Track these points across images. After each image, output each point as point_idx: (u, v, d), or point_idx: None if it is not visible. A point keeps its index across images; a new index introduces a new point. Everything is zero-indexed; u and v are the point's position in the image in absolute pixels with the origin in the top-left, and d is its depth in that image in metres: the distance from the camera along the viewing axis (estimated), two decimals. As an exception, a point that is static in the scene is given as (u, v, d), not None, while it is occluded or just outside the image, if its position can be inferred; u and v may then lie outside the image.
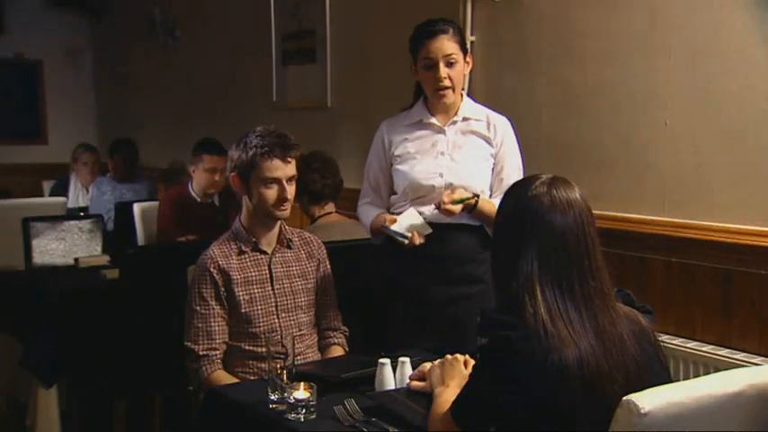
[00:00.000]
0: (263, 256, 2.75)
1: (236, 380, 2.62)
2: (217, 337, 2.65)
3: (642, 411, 1.58)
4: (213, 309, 2.66)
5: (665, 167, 2.98)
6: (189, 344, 2.66)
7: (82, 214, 4.82)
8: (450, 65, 2.85)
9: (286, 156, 2.66)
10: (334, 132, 4.65)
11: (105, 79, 7.64)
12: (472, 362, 2.02)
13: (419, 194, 2.92)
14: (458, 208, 2.75)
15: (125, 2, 7.19)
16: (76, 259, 4.16)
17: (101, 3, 7.44)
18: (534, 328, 1.69)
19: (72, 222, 4.38)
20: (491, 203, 2.81)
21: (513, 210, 1.84)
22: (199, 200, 4.48)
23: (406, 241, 2.80)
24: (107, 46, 7.57)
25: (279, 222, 2.78)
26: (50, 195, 6.02)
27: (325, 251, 2.90)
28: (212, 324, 2.65)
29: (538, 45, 3.45)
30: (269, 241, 2.77)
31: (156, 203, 4.73)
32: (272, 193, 2.66)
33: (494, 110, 3.02)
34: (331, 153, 3.82)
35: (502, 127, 2.94)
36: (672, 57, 2.93)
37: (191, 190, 4.52)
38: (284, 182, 2.67)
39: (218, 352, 2.65)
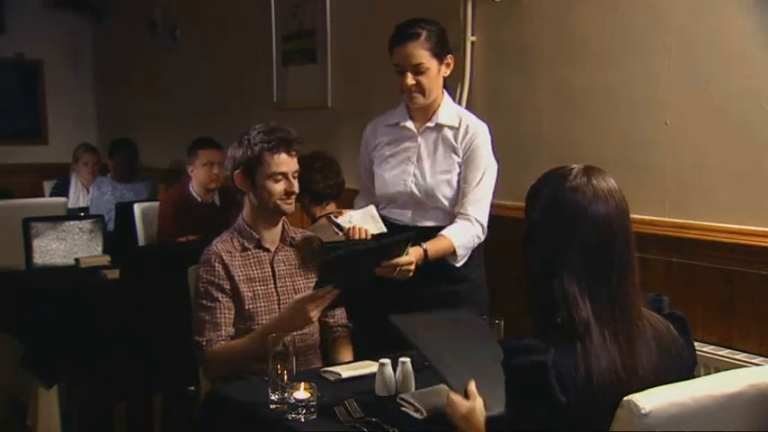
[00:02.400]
0: (265, 253, 2.75)
1: (234, 343, 2.61)
2: (222, 328, 2.64)
3: (643, 412, 1.58)
4: (219, 301, 2.65)
5: (665, 167, 2.98)
6: (197, 337, 2.65)
7: (82, 214, 4.83)
8: (419, 72, 2.86)
9: (291, 150, 2.70)
10: (334, 132, 4.65)
11: (105, 79, 7.64)
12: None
13: (389, 199, 2.98)
14: (407, 261, 2.69)
15: (125, 2, 7.19)
16: (77, 259, 4.16)
17: (101, 3, 7.43)
18: (573, 339, 1.64)
19: (72, 223, 4.39)
20: (439, 244, 2.82)
21: (551, 205, 1.73)
22: (199, 199, 4.49)
23: (341, 233, 2.85)
24: (107, 46, 7.57)
25: (282, 220, 2.79)
26: (51, 196, 6.03)
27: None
28: (218, 316, 2.64)
29: (538, 45, 3.44)
30: (272, 239, 2.77)
31: (156, 204, 4.73)
32: (279, 187, 2.68)
33: (476, 115, 3.05)
34: (331, 153, 3.83)
35: (471, 136, 2.92)
36: (672, 57, 2.93)
37: (191, 190, 4.53)
38: (290, 175, 2.70)
39: (222, 340, 2.64)
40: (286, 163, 2.69)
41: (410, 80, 2.86)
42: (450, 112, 2.97)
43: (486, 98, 3.73)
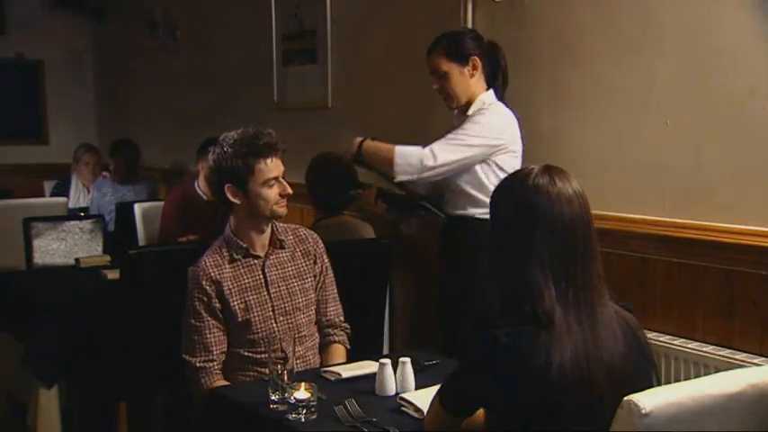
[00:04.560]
0: (256, 260, 2.72)
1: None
2: (214, 348, 2.63)
3: (643, 412, 1.59)
4: (207, 321, 2.64)
5: (665, 167, 2.98)
6: (186, 356, 2.65)
7: (83, 215, 4.83)
8: (441, 78, 3.13)
9: (277, 153, 2.67)
10: (334, 133, 4.65)
11: (106, 79, 7.64)
12: None
13: None
14: None
15: (126, 2, 7.19)
16: (77, 259, 4.16)
17: (101, 3, 7.44)
18: (538, 323, 1.70)
19: (73, 223, 4.39)
20: (380, 144, 3.12)
21: (514, 204, 1.80)
22: (205, 198, 4.47)
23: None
24: (108, 46, 7.57)
25: (270, 223, 2.75)
26: (51, 196, 6.02)
27: (322, 246, 2.86)
28: (208, 336, 2.64)
29: (538, 45, 3.44)
30: (261, 244, 2.74)
31: (156, 204, 4.73)
32: (273, 192, 2.65)
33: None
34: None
35: (479, 111, 3.11)
36: (671, 56, 2.93)
37: (197, 188, 4.51)
38: (281, 178, 2.68)
39: (215, 363, 2.64)
40: (277, 167, 2.66)
41: (435, 85, 3.16)
42: (478, 105, 3.13)
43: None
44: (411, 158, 3.02)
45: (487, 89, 3.16)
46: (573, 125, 3.32)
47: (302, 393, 2.11)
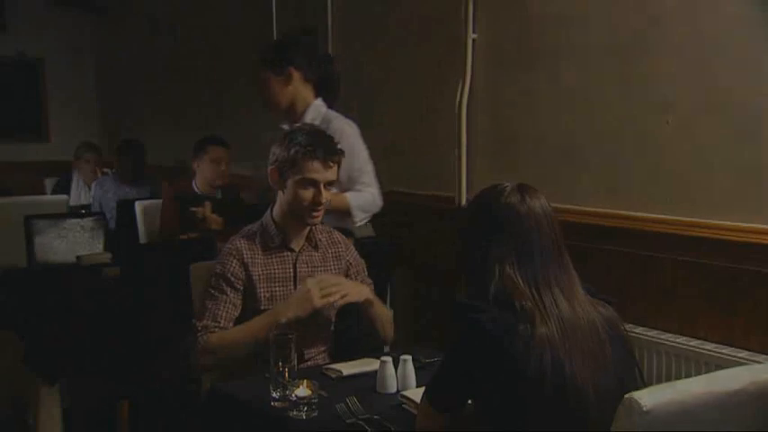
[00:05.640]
0: (289, 253, 2.70)
1: (229, 330, 2.59)
2: (221, 319, 2.60)
3: (644, 409, 1.59)
4: (226, 295, 2.62)
5: (670, 165, 2.98)
6: (194, 320, 2.62)
7: (84, 212, 4.82)
8: (260, 84, 3.38)
9: (328, 159, 2.60)
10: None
11: (107, 77, 7.64)
12: None
13: None
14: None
15: (127, 0, 7.19)
16: (78, 257, 4.16)
17: (103, 1, 7.44)
18: (507, 309, 1.78)
19: (74, 220, 4.37)
20: (337, 198, 3.08)
21: (489, 219, 1.90)
22: (201, 193, 4.46)
23: None
24: (109, 44, 7.57)
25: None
26: (52, 193, 6.02)
27: (354, 252, 2.83)
28: (221, 308, 2.61)
29: (540, 42, 3.44)
30: (298, 240, 2.71)
31: (157, 201, 4.72)
32: (307, 194, 2.60)
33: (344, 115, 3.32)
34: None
35: (338, 134, 3.04)
36: (675, 54, 2.93)
37: (194, 187, 4.51)
38: (321, 185, 2.60)
39: (217, 329, 2.59)
40: (318, 171, 2.58)
41: (259, 93, 3.43)
42: (315, 112, 3.33)
43: (487, 96, 3.73)
44: (366, 206, 3.30)
45: (317, 97, 3.38)
46: (574, 124, 3.32)
47: (303, 391, 2.12)
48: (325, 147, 2.60)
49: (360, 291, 2.65)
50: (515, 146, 3.57)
